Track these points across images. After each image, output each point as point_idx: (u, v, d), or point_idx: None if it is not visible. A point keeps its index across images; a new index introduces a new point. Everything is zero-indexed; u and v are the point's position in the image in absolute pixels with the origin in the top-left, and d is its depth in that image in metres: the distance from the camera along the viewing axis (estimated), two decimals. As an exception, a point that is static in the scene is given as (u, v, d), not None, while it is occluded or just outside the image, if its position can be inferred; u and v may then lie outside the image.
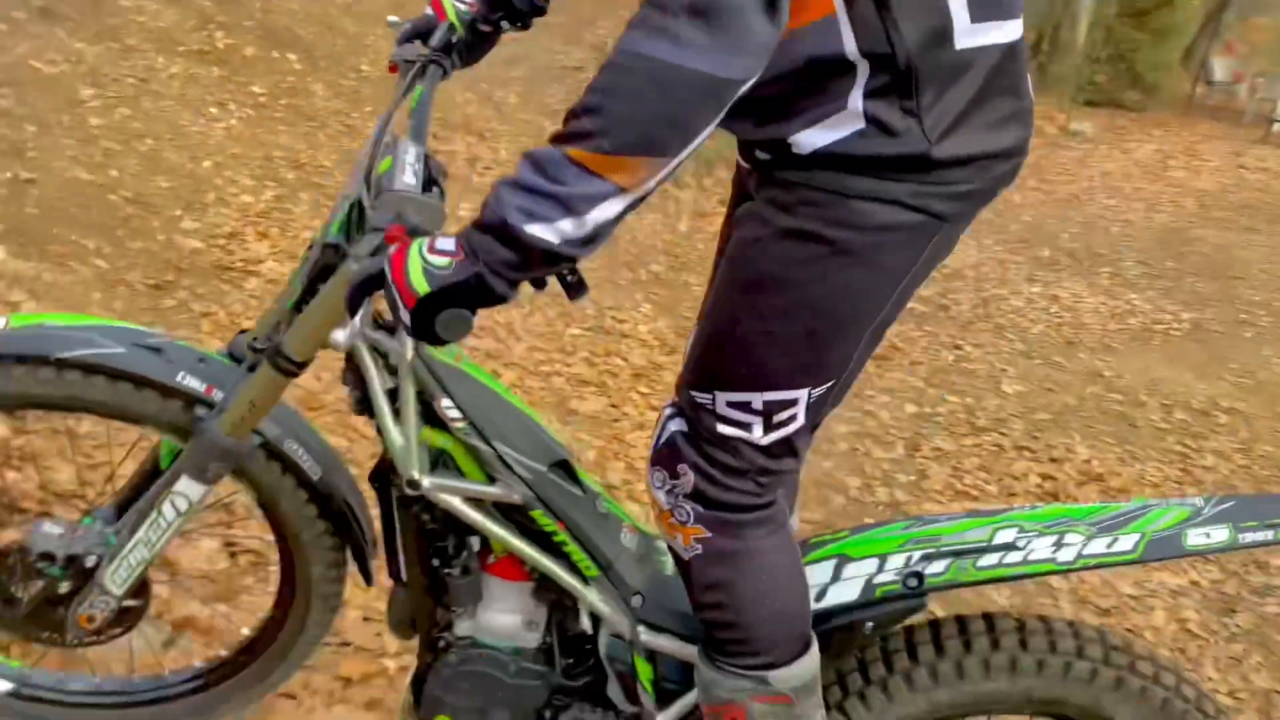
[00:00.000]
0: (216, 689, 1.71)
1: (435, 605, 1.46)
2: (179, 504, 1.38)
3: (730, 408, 1.21)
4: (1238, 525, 1.36)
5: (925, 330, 5.48)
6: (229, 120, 5.17)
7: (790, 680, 1.31)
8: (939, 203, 1.10)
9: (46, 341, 1.35)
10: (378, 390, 1.33)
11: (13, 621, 1.49)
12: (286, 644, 1.66)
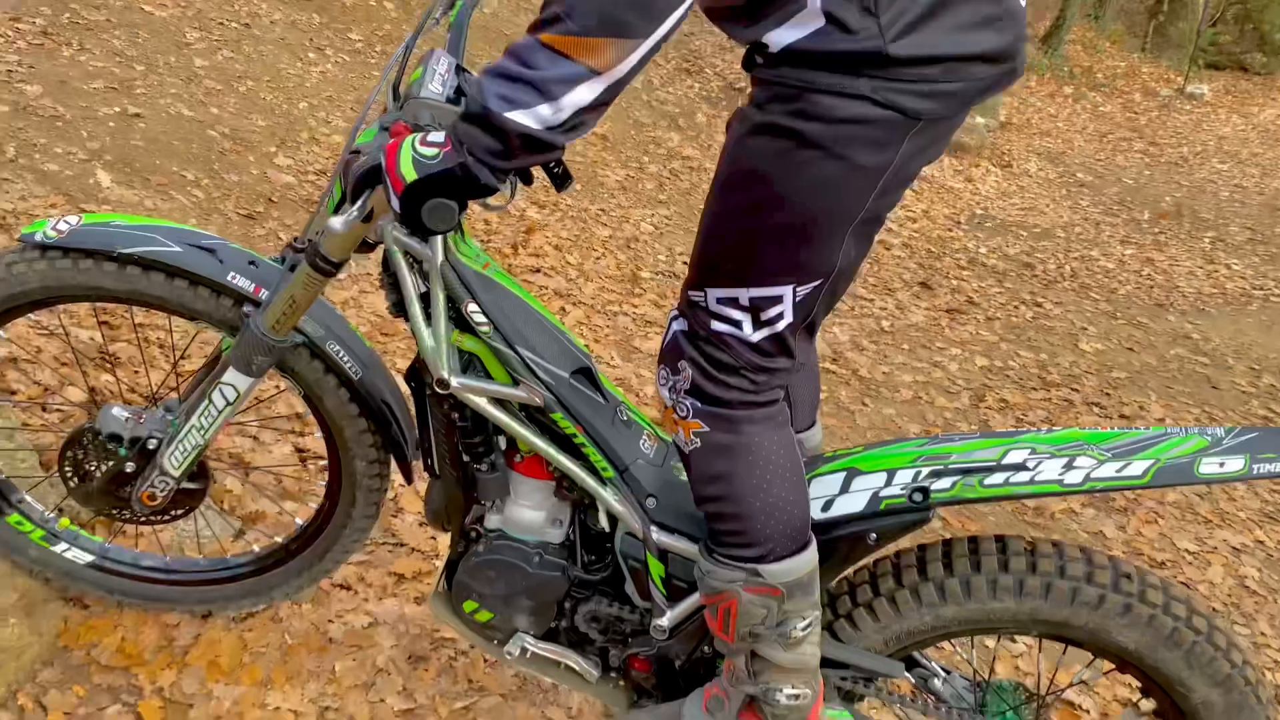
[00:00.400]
0: (270, 574, 1.85)
1: (467, 498, 1.55)
2: (227, 394, 1.50)
3: (720, 304, 1.27)
4: (1255, 456, 1.35)
5: (1005, 287, 5.38)
6: (325, 65, 5.34)
7: (781, 575, 1.36)
8: (908, 99, 1.11)
9: (112, 238, 1.48)
10: (410, 294, 1.42)
11: (86, 496, 1.64)
12: (333, 535, 1.78)
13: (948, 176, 7.69)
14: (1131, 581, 1.44)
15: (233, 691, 1.86)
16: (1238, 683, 1.43)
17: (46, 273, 1.49)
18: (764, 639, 1.39)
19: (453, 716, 1.93)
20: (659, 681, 1.57)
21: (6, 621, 1.78)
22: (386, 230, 1.40)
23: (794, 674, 1.42)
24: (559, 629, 1.59)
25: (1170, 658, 1.43)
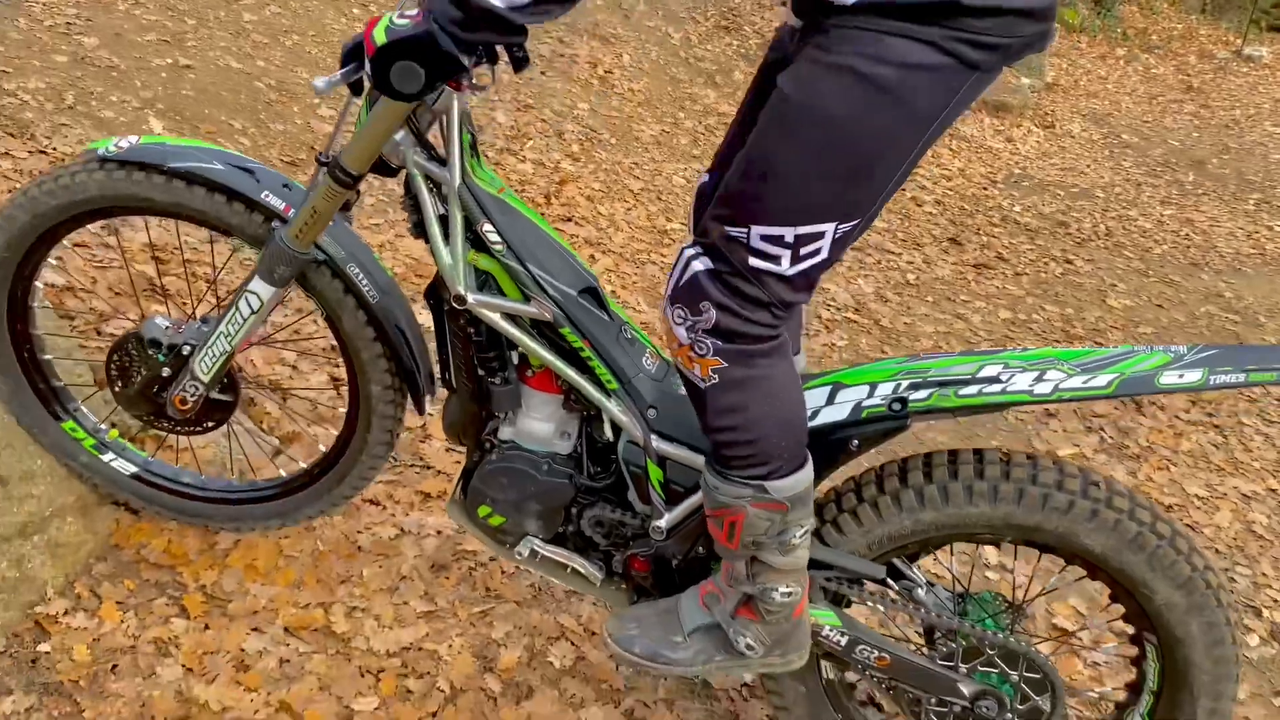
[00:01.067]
0: (295, 496, 1.97)
1: (481, 411, 1.66)
2: (252, 302, 1.62)
3: (763, 241, 1.29)
4: (1213, 369, 1.42)
5: (1036, 244, 5.38)
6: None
7: (785, 490, 1.44)
8: (969, 50, 1.17)
9: (164, 154, 1.61)
10: (429, 214, 1.52)
11: (128, 399, 1.78)
12: (352, 460, 1.89)
13: (987, 136, 7.64)
14: (1099, 489, 1.52)
15: (268, 591, 2.00)
16: (1198, 585, 1.51)
17: (104, 183, 1.62)
18: (766, 547, 1.48)
19: (471, 619, 2.06)
20: (657, 581, 1.68)
21: (65, 519, 1.93)
22: (408, 154, 1.51)
23: (788, 575, 1.51)
24: (566, 534, 1.70)
25: (1134, 560, 1.50)
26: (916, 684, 1.65)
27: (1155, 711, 1.65)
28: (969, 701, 1.63)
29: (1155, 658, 1.61)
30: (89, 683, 1.73)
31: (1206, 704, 1.59)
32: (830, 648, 1.64)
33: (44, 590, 1.86)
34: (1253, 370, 1.42)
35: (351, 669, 1.88)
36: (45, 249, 1.77)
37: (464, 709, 1.85)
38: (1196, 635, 1.53)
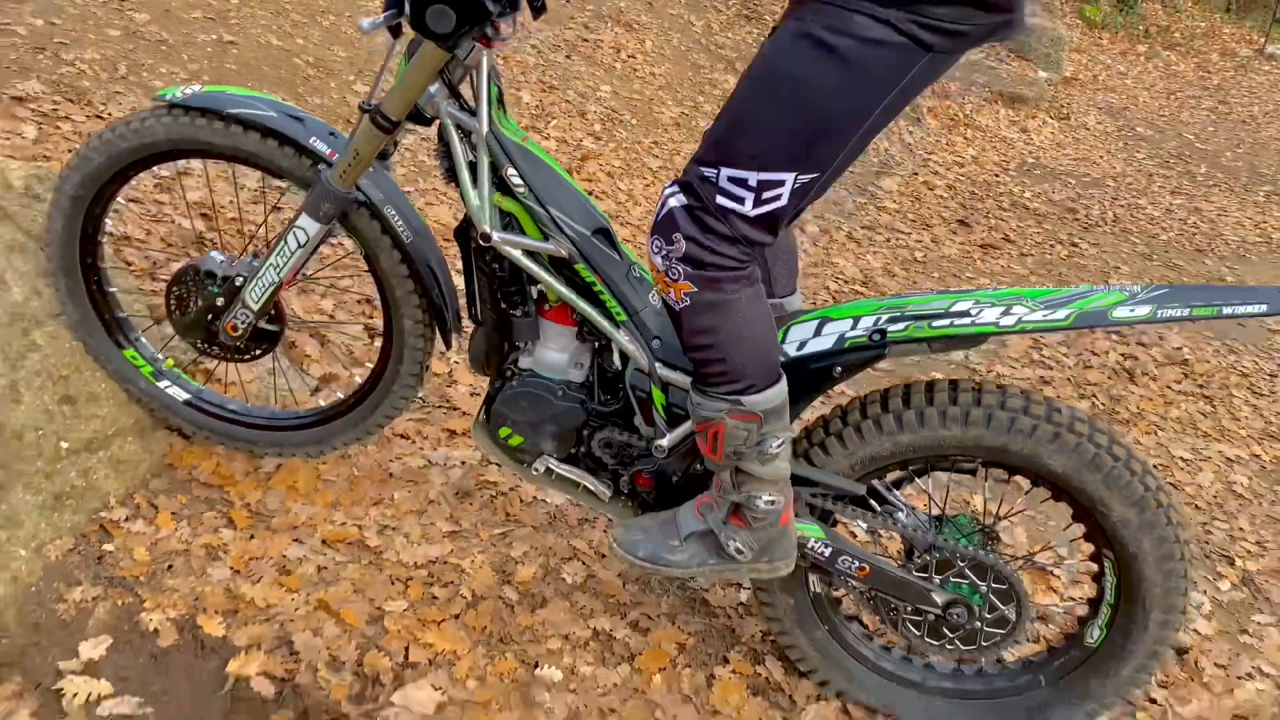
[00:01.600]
0: (331, 424, 2.14)
1: (503, 342, 1.83)
2: (299, 237, 1.80)
3: (730, 182, 1.46)
4: (1161, 305, 1.58)
5: (1044, 228, 5.51)
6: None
7: (760, 404, 1.60)
8: (924, 32, 1.33)
9: (224, 101, 1.78)
10: (460, 160, 1.69)
11: (185, 326, 1.96)
12: (384, 391, 2.05)
13: (1002, 126, 7.74)
14: (1061, 414, 1.68)
15: (307, 509, 2.18)
16: (1150, 504, 1.66)
17: (171, 127, 1.80)
18: (746, 456, 1.64)
19: (491, 539, 2.23)
20: (659, 496, 1.84)
21: (125, 439, 2.12)
22: (442, 105, 1.68)
23: (770, 484, 1.67)
24: (578, 454, 1.86)
25: (1092, 480, 1.65)
26: (894, 592, 1.80)
27: (1113, 623, 1.80)
28: (941, 609, 1.79)
29: (1113, 573, 1.76)
30: (148, 578, 1.91)
31: (1158, 616, 1.74)
32: (815, 558, 1.80)
33: (107, 499, 2.04)
34: (1197, 306, 1.57)
35: (383, 577, 2.06)
36: (116, 189, 1.95)
37: (484, 613, 2.02)
38: (1149, 551, 1.68)
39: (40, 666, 1.71)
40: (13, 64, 3.33)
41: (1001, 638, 1.80)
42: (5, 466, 1.89)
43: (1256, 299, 1.56)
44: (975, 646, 1.83)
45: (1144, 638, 1.75)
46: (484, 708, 1.82)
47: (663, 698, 1.94)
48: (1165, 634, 1.75)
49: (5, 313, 2.00)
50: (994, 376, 3.56)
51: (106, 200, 1.96)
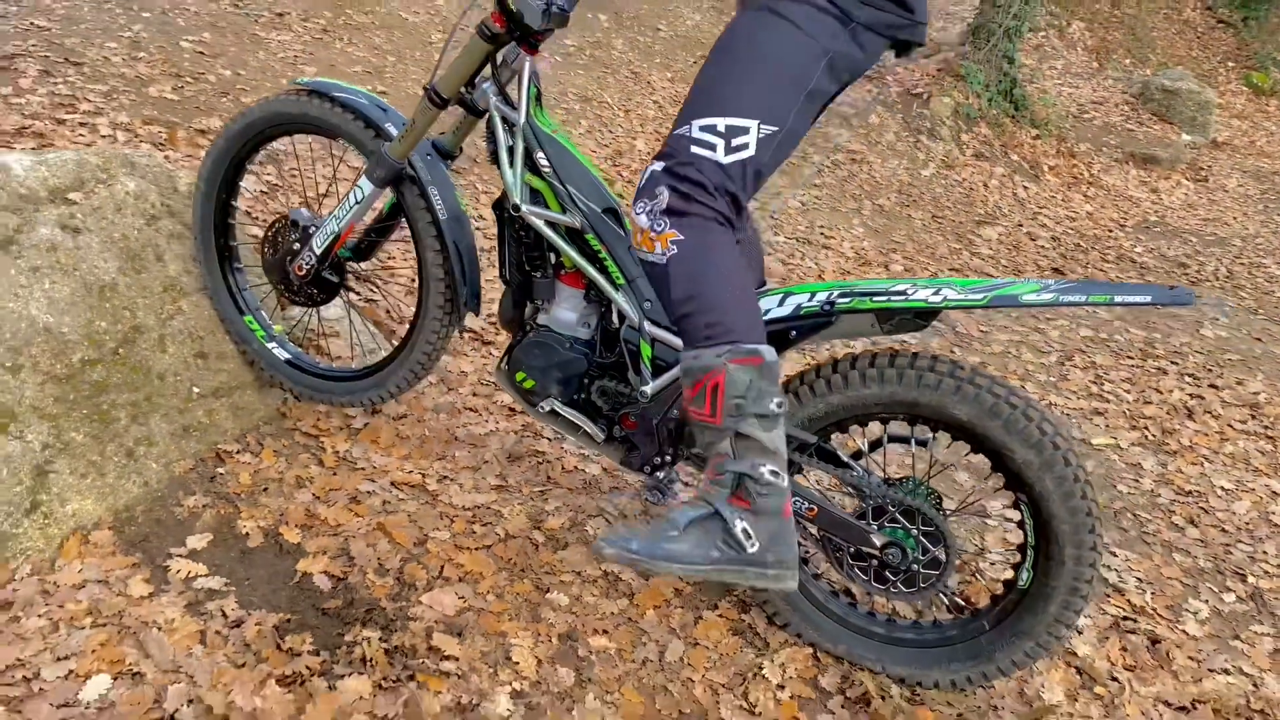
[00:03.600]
0: (374, 377, 2.53)
1: (524, 300, 2.21)
2: (357, 195, 2.25)
3: (701, 130, 1.70)
4: (1062, 294, 1.81)
5: (1144, 279, 5.50)
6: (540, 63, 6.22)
7: (760, 350, 1.74)
8: (848, 4, 1.67)
9: (328, 86, 2.28)
10: (502, 144, 2.09)
11: (269, 265, 2.45)
12: (415, 342, 2.42)
13: (1130, 186, 7.69)
14: (964, 370, 1.92)
15: (384, 459, 2.61)
16: (1048, 446, 1.86)
17: (291, 104, 2.30)
18: (747, 417, 1.72)
19: (530, 495, 2.60)
20: (640, 433, 2.14)
21: (244, 391, 2.61)
22: (491, 100, 2.09)
23: (772, 455, 1.74)
24: (578, 399, 2.20)
25: (994, 426, 1.88)
26: (838, 533, 2.05)
27: (1037, 564, 1.99)
28: (879, 550, 2.03)
29: (1028, 515, 1.96)
30: (247, 496, 2.36)
31: (1072, 551, 1.92)
32: (774, 500, 2.07)
33: (225, 435, 2.52)
34: (1094, 294, 1.80)
35: (435, 513, 2.45)
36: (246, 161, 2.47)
37: (512, 548, 2.38)
38: (1051, 489, 1.88)
39: (156, 549, 2.17)
40: (202, 104, 4.02)
41: (936, 578, 2.02)
42: (149, 400, 2.40)
43: (1144, 293, 1.78)
44: (915, 589, 2.05)
45: (1062, 574, 1.94)
46: (497, 616, 2.17)
47: (652, 627, 2.24)
48: (1081, 570, 1.92)
49: (161, 283, 2.53)
50: (1047, 403, 3.69)
51: (235, 183, 2.49)
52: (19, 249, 2.26)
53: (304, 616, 2.07)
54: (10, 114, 3.36)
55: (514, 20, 1.95)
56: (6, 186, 2.30)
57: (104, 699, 1.77)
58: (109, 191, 2.51)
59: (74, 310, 2.29)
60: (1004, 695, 2.17)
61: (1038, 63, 10.03)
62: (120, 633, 1.91)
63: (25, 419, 2.13)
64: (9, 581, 1.97)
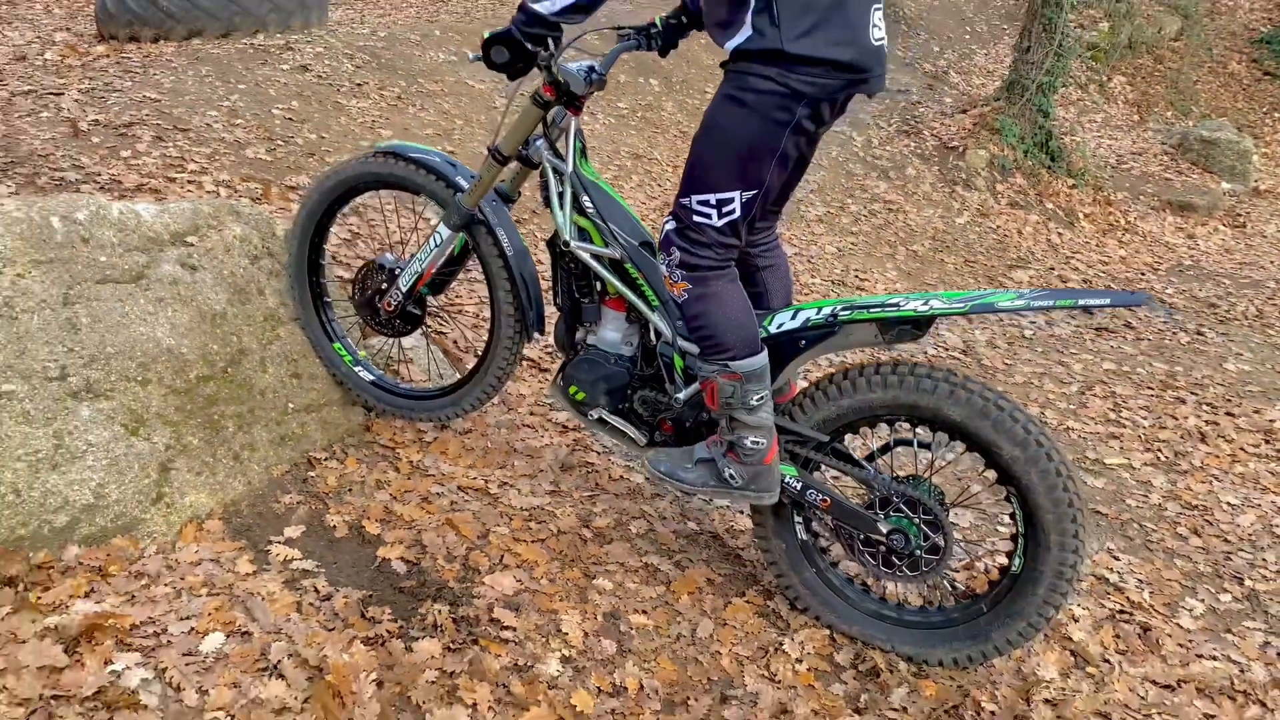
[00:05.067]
0: (450, 396, 2.84)
1: (575, 323, 2.52)
2: (436, 239, 2.58)
3: (699, 204, 2.11)
4: (1032, 300, 2.07)
5: (1174, 319, 5.65)
6: (595, 125, 6.62)
7: (742, 368, 2.19)
8: (797, 83, 1.96)
9: (404, 148, 2.62)
10: (553, 191, 2.42)
11: (359, 303, 2.78)
12: (488, 366, 2.74)
13: (1166, 232, 7.83)
14: (956, 376, 2.17)
15: (452, 467, 2.92)
16: (1032, 443, 2.10)
17: (371, 165, 2.64)
18: (735, 407, 2.23)
19: (581, 499, 2.88)
20: (676, 438, 2.44)
21: (332, 407, 2.94)
22: (544, 154, 2.43)
23: (754, 429, 2.24)
24: (623, 409, 2.50)
25: (983, 425, 2.13)
26: (849, 522, 2.31)
27: (1026, 550, 2.22)
28: (885, 536, 2.27)
29: (1017, 505, 2.20)
30: (334, 494, 2.68)
31: (1056, 539, 2.15)
32: (791, 491, 2.34)
33: (315, 444, 2.86)
34: (1060, 300, 2.05)
35: (495, 512, 2.74)
36: (334, 212, 2.82)
37: (563, 542, 2.66)
38: (1036, 482, 2.12)
39: (259, 537, 2.49)
40: (292, 164, 4.45)
41: (937, 562, 2.26)
42: (252, 412, 2.74)
43: (1103, 297, 2.03)
44: (919, 572, 2.29)
45: (1049, 559, 2.16)
46: (549, 596, 2.45)
47: (685, 609, 2.50)
48: (1065, 555, 2.15)
49: (262, 313, 2.89)
50: (1065, 428, 3.88)
51: (325, 230, 2.85)
52: (147, 283, 2.63)
53: (383, 593, 2.37)
54: (130, 173, 3.80)
55: (561, 89, 2.29)
56: (138, 230, 2.69)
57: (219, 651, 2.08)
58: (219, 236, 2.89)
59: (191, 335, 2.65)
60: (1002, 672, 2.39)
61: (1077, 116, 10.24)
62: (230, 601, 2.23)
63: (152, 424, 2.49)
64: (140, 557, 2.31)
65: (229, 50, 5.62)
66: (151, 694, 1.95)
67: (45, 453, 2.26)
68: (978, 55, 10.62)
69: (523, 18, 2.08)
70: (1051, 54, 7.68)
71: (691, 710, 2.18)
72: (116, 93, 4.61)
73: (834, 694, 2.28)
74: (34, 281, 2.37)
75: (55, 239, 2.45)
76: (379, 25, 7.34)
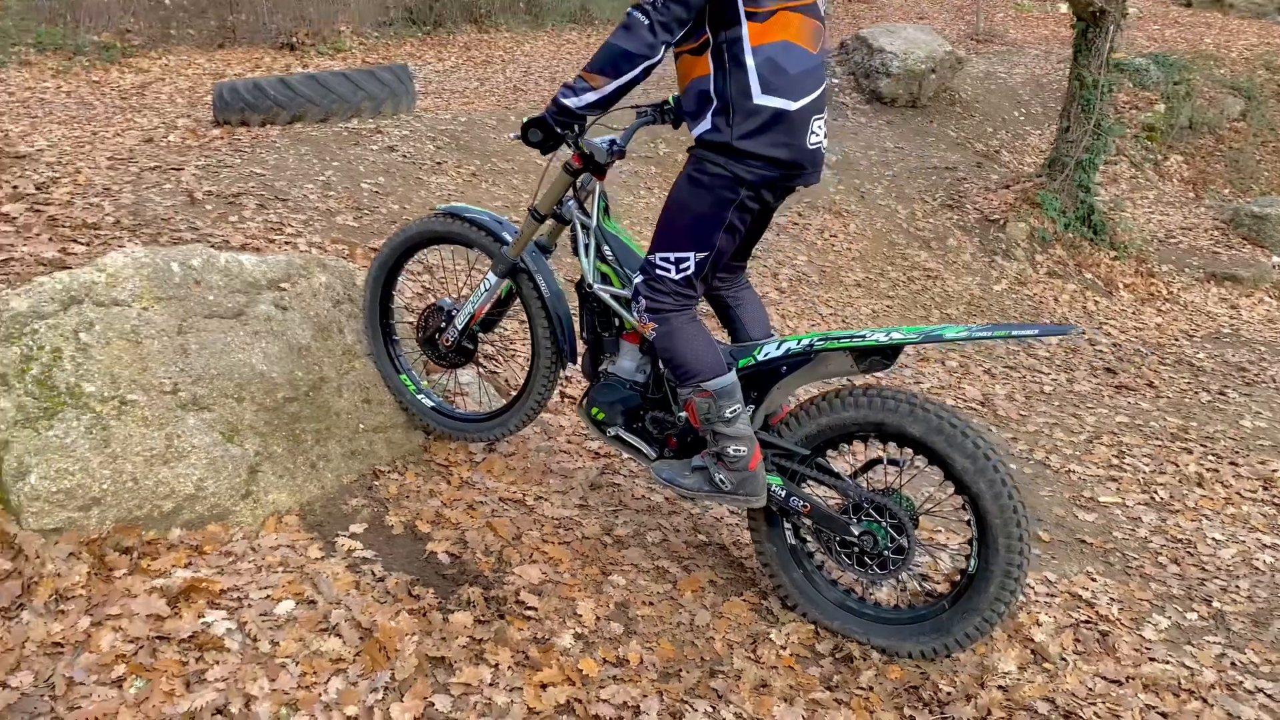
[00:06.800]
0: (497, 419, 3.25)
1: (598, 354, 2.92)
2: (486, 284, 3.00)
3: (660, 260, 2.52)
4: (975, 332, 2.40)
5: (1197, 380, 5.80)
6: (650, 199, 7.10)
7: (712, 386, 2.54)
8: (742, 171, 2.37)
9: (460, 209, 3.07)
10: (580, 242, 2.84)
11: (421, 340, 3.20)
12: (529, 392, 3.14)
13: (1209, 302, 7.94)
14: (918, 398, 2.49)
15: (495, 483, 3.31)
16: (980, 455, 2.40)
17: (435, 223, 3.09)
18: (714, 421, 2.56)
19: (606, 513, 3.24)
20: (679, 452, 2.79)
21: (396, 429, 3.38)
22: (574, 212, 2.85)
23: (735, 440, 2.57)
24: (636, 427, 2.87)
25: (939, 440, 2.44)
26: (827, 525, 2.62)
27: (979, 553, 2.50)
28: (857, 537, 2.58)
29: (971, 511, 2.48)
30: (394, 501, 3.09)
31: (1003, 541, 2.43)
32: (777, 498, 2.67)
33: (380, 459, 3.28)
34: (996, 332, 2.38)
35: (530, 519, 3.12)
36: (402, 264, 3.28)
37: (586, 546, 3.02)
38: (984, 490, 2.41)
39: (328, 531, 2.91)
40: (376, 230, 4.99)
41: (902, 561, 2.55)
42: (328, 429, 3.19)
43: (1033, 330, 2.36)
44: (888, 570, 2.58)
45: (998, 560, 2.44)
46: (569, 587, 2.80)
47: (688, 603, 2.82)
48: (1011, 557, 2.42)
49: (341, 348, 3.36)
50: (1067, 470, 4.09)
51: (395, 278, 3.31)
52: (246, 318, 3.11)
53: (428, 578, 2.75)
54: (236, 234, 4.36)
55: (587, 159, 2.72)
56: (240, 275, 3.18)
57: (290, 614, 2.48)
58: (308, 282, 3.38)
59: (280, 363, 3.12)
60: (965, 664, 2.65)
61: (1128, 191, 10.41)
62: (301, 577, 2.64)
63: (244, 433, 2.94)
64: (229, 541, 2.74)
65: (326, 133, 6.27)
66: (234, 641, 2.36)
67: (158, 450, 2.72)
68: (1031, 135, 10.90)
69: (554, 109, 2.51)
70: (1089, 133, 7.96)
71: (683, 680, 2.50)
72: (228, 168, 5.24)
73: (810, 675, 2.57)
74: (155, 314, 2.86)
75: (174, 280, 2.96)
76: (460, 112, 8.00)
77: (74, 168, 4.99)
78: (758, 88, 2.33)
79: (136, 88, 9.04)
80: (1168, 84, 12.42)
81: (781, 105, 2.34)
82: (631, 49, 2.31)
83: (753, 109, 2.34)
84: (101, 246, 3.90)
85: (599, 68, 2.37)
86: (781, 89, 2.34)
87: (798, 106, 2.37)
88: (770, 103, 2.34)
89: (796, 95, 2.36)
